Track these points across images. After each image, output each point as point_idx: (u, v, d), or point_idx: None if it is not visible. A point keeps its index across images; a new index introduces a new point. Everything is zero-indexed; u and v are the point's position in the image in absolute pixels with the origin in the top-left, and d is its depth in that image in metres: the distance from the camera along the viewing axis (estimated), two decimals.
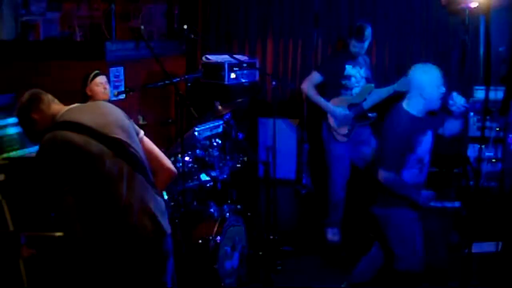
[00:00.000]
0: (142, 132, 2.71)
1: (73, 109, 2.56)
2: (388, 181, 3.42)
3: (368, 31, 4.81)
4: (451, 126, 3.61)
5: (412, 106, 3.45)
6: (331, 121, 4.92)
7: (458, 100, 3.45)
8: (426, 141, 3.48)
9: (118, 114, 2.62)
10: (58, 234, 2.48)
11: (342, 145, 4.92)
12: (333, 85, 4.96)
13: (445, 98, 3.46)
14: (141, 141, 2.66)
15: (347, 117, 4.85)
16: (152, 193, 2.56)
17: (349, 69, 4.91)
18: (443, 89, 3.44)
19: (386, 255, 3.73)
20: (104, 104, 2.71)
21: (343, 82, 4.92)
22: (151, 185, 2.58)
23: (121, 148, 2.49)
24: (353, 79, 4.93)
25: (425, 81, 3.39)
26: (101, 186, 2.41)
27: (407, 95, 3.52)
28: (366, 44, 4.87)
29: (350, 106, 4.88)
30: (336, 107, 4.89)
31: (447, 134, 3.67)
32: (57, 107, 2.56)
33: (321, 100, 4.92)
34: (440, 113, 3.62)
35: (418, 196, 3.42)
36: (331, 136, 4.98)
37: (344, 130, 4.89)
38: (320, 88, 5.02)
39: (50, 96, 2.59)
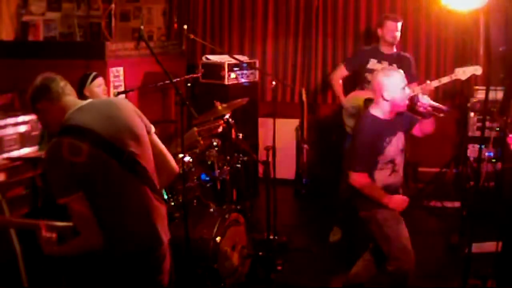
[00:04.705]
0: (153, 129, 2.64)
1: (85, 109, 2.42)
2: (359, 183, 3.51)
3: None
4: (424, 126, 3.67)
5: (378, 109, 3.57)
6: (344, 114, 5.00)
7: (424, 101, 3.52)
8: (395, 142, 3.55)
9: (130, 115, 2.51)
10: (69, 223, 2.38)
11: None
12: (359, 79, 5.04)
13: (411, 99, 3.55)
14: (150, 138, 2.59)
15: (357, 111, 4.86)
16: (155, 203, 2.51)
17: (373, 63, 4.93)
18: (407, 90, 3.54)
19: (380, 256, 3.74)
20: (116, 105, 2.53)
21: (366, 75, 4.94)
22: (156, 194, 2.52)
23: (131, 162, 2.41)
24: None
25: (387, 85, 3.49)
26: (104, 198, 2.36)
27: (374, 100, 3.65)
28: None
29: (366, 101, 4.86)
30: (348, 101, 4.97)
31: (421, 134, 3.73)
32: (68, 101, 2.41)
33: (338, 93, 5.07)
34: (408, 114, 3.69)
35: (389, 199, 3.47)
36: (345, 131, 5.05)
37: (353, 123, 4.89)
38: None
39: (62, 85, 2.42)
